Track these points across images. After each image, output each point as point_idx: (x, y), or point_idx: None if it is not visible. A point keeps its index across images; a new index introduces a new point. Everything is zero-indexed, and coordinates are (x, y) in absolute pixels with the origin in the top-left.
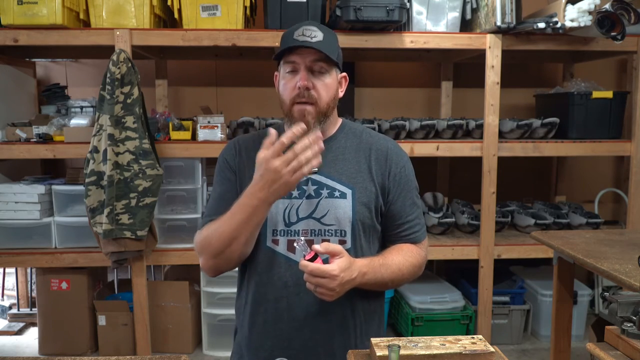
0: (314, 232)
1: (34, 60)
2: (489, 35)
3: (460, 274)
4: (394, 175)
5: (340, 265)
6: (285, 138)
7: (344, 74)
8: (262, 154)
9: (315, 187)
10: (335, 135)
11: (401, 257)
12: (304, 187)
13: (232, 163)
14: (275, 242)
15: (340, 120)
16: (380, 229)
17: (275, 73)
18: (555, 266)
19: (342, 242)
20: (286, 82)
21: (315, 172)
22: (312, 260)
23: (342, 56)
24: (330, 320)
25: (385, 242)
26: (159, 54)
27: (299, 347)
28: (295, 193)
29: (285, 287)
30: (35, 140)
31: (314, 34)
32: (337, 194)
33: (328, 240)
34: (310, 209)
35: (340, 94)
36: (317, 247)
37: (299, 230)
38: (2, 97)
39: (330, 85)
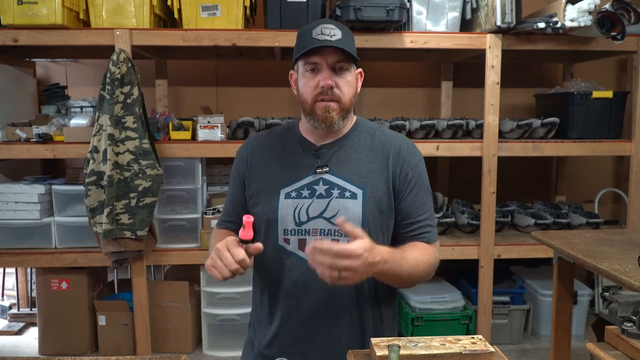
0: (323, 231)
1: (34, 60)
2: (489, 35)
3: (460, 274)
4: (405, 174)
5: (364, 245)
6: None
7: (360, 70)
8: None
9: (326, 187)
10: (348, 134)
11: (418, 253)
12: (315, 187)
13: (241, 166)
14: (287, 241)
15: (354, 118)
16: (392, 228)
17: (291, 72)
18: (555, 266)
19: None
20: (307, 81)
21: (326, 172)
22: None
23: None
24: (340, 319)
25: (396, 242)
26: (159, 54)
27: (308, 345)
28: (305, 193)
29: (295, 285)
30: (35, 140)
31: (334, 32)
32: (347, 194)
33: (337, 241)
34: (320, 209)
35: (358, 89)
36: (319, 243)
37: (309, 230)
38: (2, 97)
39: (352, 82)
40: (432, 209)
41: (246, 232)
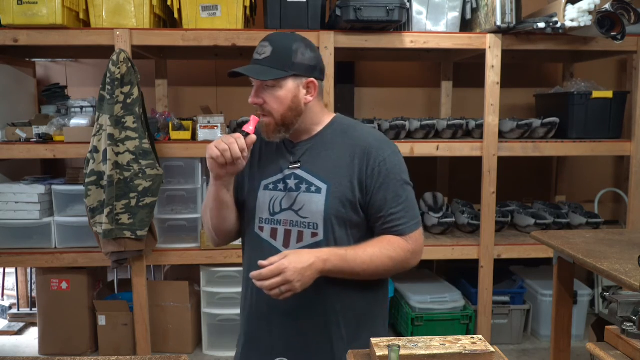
0: (292, 222)
1: (34, 60)
2: (489, 35)
3: (460, 274)
4: (372, 170)
5: (287, 258)
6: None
7: (310, 79)
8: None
9: (296, 181)
10: (322, 132)
11: (377, 249)
12: (288, 181)
13: None
14: (261, 229)
15: (331, 117)
16: (366, 221)
17: None
18: (555, 266)
19: (314, 235)
20: None
21: (297, 167)
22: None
23: (340, 56)
24: (304, 304)
25: (374, 234)
26: (159, 54)
27: (275, 327)
28: (281, 186)
29: None
30: (35, 140)
31: (264, 50)
32: (313, 189)
33: (302, 232)
34: (290, 202)
35: (309, 99)
36: (262, 262)
37: (280, 220)
38: (2, 97)
39: (283, 97)
40: (410, 199)
41: (249, 126)
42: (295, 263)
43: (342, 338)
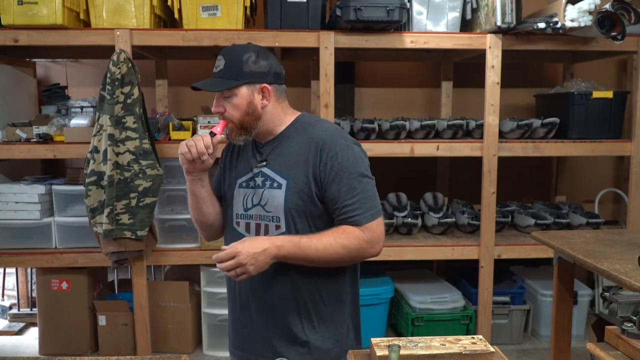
0: (261, 217)
1: (34, 60)
2: (489, 35)
3: (460, 274)
4: (324, 164)
5: (243, 243)
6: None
7: (263, 85)
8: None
9: (262, 179)
10: (285, 132)
11: (331, 238)
12: (256, 179)
13: (223, 156)
14: (238, 223)
15: (294, 116)
16: (327, 212)
17: None
18: (555, 266)
19: (278, 227)
20: None
21: (263, 166)
22: None
23: (340, 56)
24: (275, 291)
25: (335, 224)
26: (159, 54)
27: (257, 311)
28: (252, 184)
29: None
30: (35, 140)
31: (219, 64)
32: (275, 184)
33: (268, 225)
34: (258, 198)
35: (265, 103)
36: (224, 247)
37: (252, 215)
38: (2, 97)
39: (238, 104)
40: (367, 191)
41: (217, 128)
42: (249, 248)
43: (312, 320)
